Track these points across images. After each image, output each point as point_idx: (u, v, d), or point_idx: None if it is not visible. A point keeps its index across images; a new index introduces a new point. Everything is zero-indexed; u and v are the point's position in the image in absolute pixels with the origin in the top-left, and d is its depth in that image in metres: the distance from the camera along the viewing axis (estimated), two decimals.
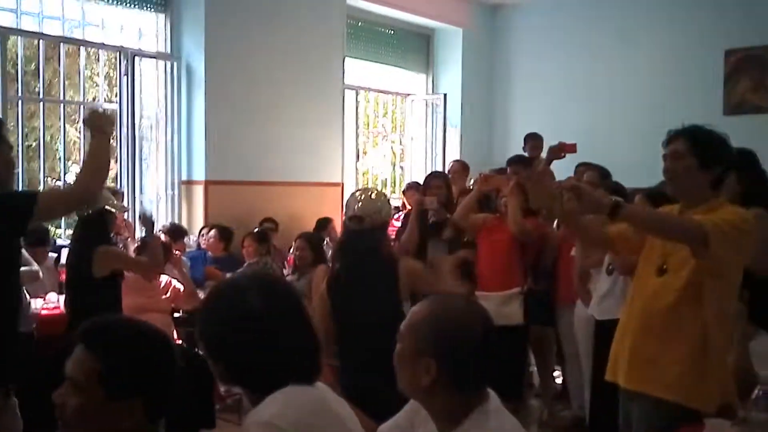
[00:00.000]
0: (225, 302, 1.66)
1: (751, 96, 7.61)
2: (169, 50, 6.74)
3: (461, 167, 6.52)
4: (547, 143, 5.72)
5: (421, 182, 5.57)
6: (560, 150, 5.05)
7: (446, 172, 6.58)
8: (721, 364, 2.54)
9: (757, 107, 7.59)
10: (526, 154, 6.53)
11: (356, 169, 8.61)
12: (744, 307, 2.81)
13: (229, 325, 1.63)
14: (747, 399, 2.49)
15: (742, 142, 3.26)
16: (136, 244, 5.29)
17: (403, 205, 6.78)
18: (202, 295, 4.91)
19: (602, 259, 4.11)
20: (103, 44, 6.42)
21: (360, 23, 8.54)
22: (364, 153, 9.79)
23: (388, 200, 3.50)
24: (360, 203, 3.35)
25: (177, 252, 5.46)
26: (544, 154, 5.74)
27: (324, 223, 6.76)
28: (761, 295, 2.73)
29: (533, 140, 6.99)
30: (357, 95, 8.53)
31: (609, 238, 2.85)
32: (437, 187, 5.20)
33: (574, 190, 2.43)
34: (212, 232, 6.26)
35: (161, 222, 6.51)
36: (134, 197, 6.55)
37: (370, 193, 3.44)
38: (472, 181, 6.12)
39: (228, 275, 4.95)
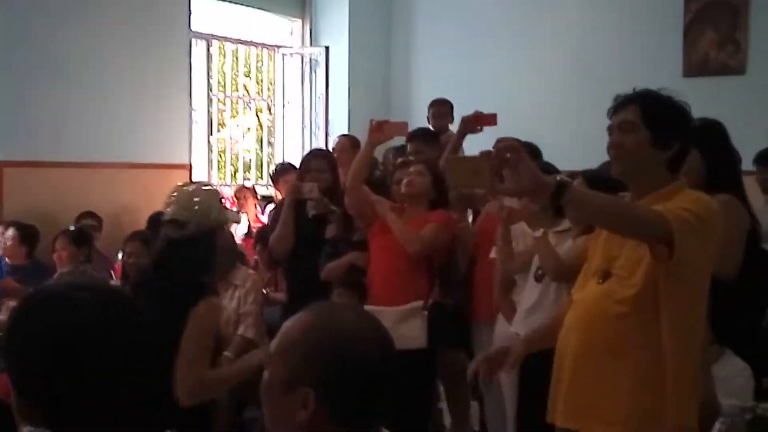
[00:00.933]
0: (43, 318, 1.60)
1: (717, 53, 8.00)
2: None
3: (350, 144, 6.55)
4: (460, 114, 5.82)
5: (298, 164, 5.56)
6: (476, 121, 5.15)
7: (330, 150, 6.59)
8: (681, 391, 2.63)
9: (724, 66, 7.97)
10: (431, 127, 6.62)
11: (209, 145, 8.51)
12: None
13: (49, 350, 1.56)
14: None
15: (706, 110, 3.43)
16: None
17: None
18: None
19: (529, 261, 4.21)
20: None
21: None
22: (221, 125, 9.68)
23: (219, 197, 3.46)
24: (174, 201, 3.33)
25: None
26: (456, 128, 5.84)
27: (160, 220, 6.65)
28: (726, 306, 2.87)
29: (438, 107, 7.08)
30: (209, 47, 8.42)
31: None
32: (319, 170, 5.21)
33: (513, 152, 2.33)
34: (9, 232, 6.11)
35: None
36: None
37: (189, 186, 3.41)
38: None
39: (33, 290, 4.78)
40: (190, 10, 7.79)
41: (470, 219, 5.20)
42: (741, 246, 3.49)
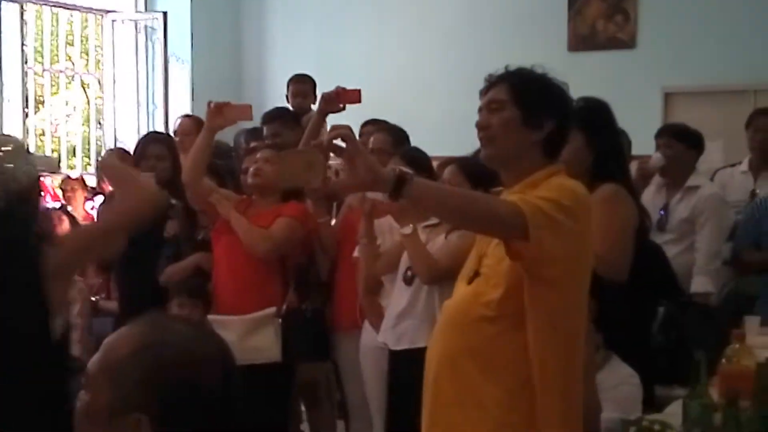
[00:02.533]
0: None
1: (605, 25, 8.27)
2: None
3: (194, 126, 6.47)
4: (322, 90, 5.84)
5: (132, 149, 5.48)
6: (337, 99, 5.19)
7: (171, 133, 6.52)
8: (553, 405, 2.70)
9: (612, 40, 8.25)
10: (290, 107, 6.63)
11: (25, 127, 8.31)
12: (590, 325, 3.05)
13: None
14: None
15: (593, 88, 3.55)
16: None
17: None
18: None
19: (397, 261, 4.26)
20: None
21: None
22: (40, 103, 9.44)
23: (28, 157, 3.34)
24: None
25: None
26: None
27: None
28: (614, 308, 2.98)
29: (298, 84, 7.09)
30: (23, 11, 8.21)
31: None
32: (157, 156, 5.16)
33: (347, 142, 2.37)
34: None
35: None
36: None
37: None
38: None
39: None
40: None
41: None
42: (630, 242, 3.60)
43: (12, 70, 8.04)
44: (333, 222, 5.09)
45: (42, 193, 3.37)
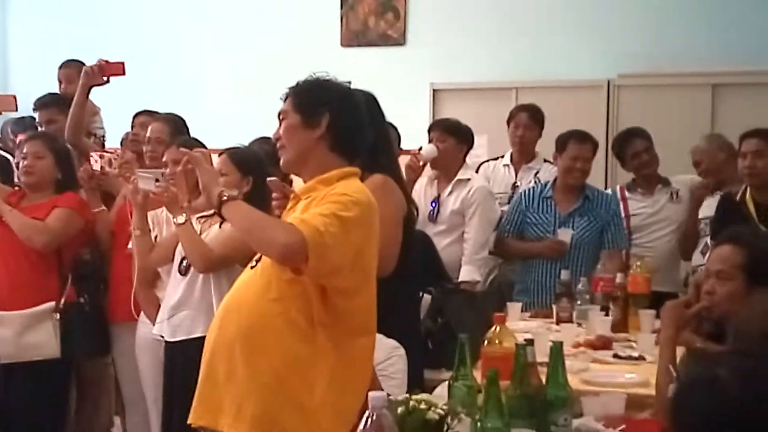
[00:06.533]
0: None
1: (376, 22, 8.41)
2: None
3: None
4: None
5: None
6: (101, 71, 5.10)
7: None
8: (325, 397, 2.82)
9: (383, 37, 8.40)
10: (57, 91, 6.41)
11: None
12: None
13: None
14: None
15: (366, 83, 3.63)
16: None
17: None
18: None
19: (172, 252, 4.24)
20: None
21: None
22: None
23: None
24: None
25: None
26: None
27: None
28: (380, 298, 3.03)
29: (64, 69, 6.86)
30: None
31: None
32: None
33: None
34: None
35: None
36: None
37: None
38: None
39: None
40: None
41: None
42: (398, 232, 3.69)
43: None
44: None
45: None
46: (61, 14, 9.02)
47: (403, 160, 4.99)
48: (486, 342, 3.10)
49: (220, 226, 4.04)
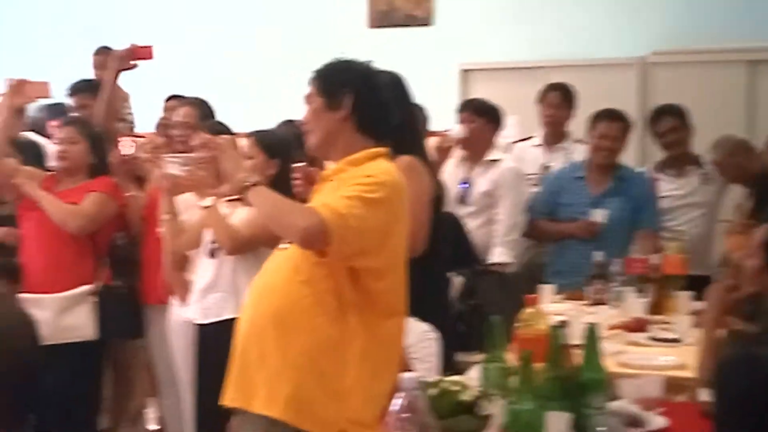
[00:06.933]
0: None
1: (403, 2, 8.36)
2: None
3: None
4: None
5: None
6: (129, 56, 5.11)
7: None
8: (360, 380, 2.82)
9: (410, 17, 8.35)
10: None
11: None
12: None
13: None
14: None
15: (395, 64, 3.60)
16: None
17: None
18: None
19: (200, 236, 4.24)
20: None
21: None
22: None
23: None
24: None
25: None
26: None
27: None
28: (411, 279, 3.03)
29: (97, 56, 6.89)
30: None
31: None
32: None
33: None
34: None
35: None
36: None
37: None
38: None
39: None
40: None
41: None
42: (425, 214, 3.68)
43: None
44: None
45: None
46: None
47: (432, 142, 4.98)
48: (519, 324, 3.08)
49: (247, 209, 4.03)
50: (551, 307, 4.42)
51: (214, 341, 4.02)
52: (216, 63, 8.40)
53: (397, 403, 2.06)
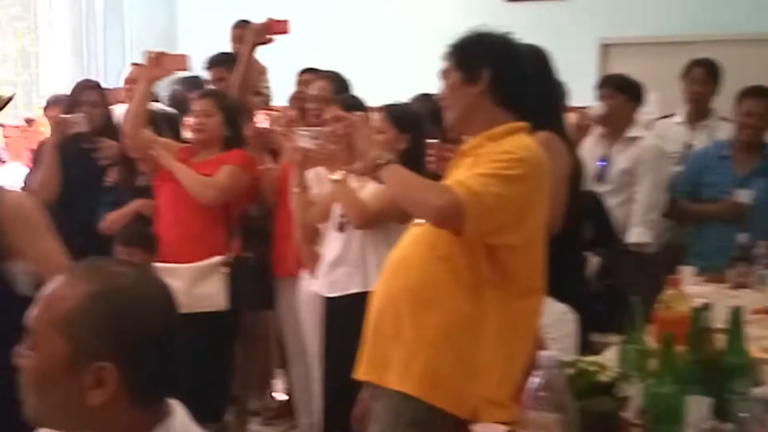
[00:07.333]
0: None
1: None
2: None
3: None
4: None
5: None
6: (266, 30, 5.16)
7: (105, 81, 6.43)
8: (496, 355, 2.77)
9: None
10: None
11: None
12: None
13: None
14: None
15: (530, 38, 3.53)
16: None
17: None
18: None
19: (329, 209, 4.24)
20: None
21: None
22: None
23: None
24: None
25: None
26: None
27: None
28: (548, 256, 2.98)
29: (236, 29, 6.95)
30: None
31: None
32: (92, 103, 5.14)
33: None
34: None
35: None
36: None
37: None
38: None
39: None
40: None
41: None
42: (562, 193, 3.61)
43: None
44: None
45: None
46: None
47: (570, 118, 4.88)
48: (659, 305, 2.99)
49: (374, 184, 4.02)
50: (692, 289, 4.29)
51: (341, 314, 4.08)
52: (351, 36, 8.42)
53: (534, 381, 2.01)
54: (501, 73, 2.83)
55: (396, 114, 4.12)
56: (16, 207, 3.03)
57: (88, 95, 5.18)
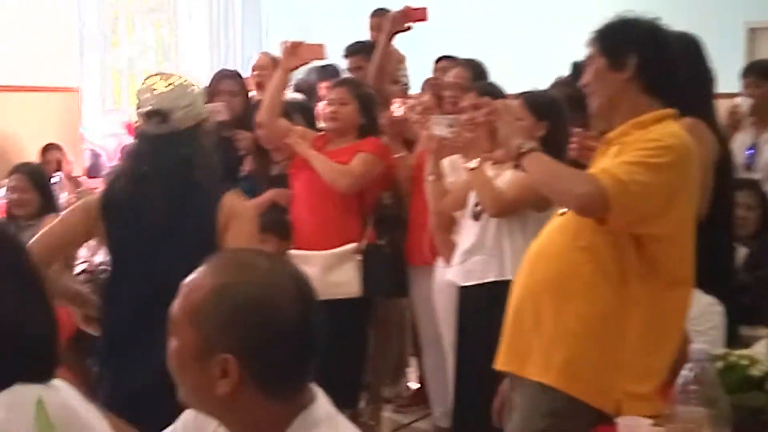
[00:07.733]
0: None
1: None
2: None
3: (270, 63, 6.45)
4: None
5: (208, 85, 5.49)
6: (404, 18, 5.15)
7: (242, 70, 6.50)
8: (643, 348, 2.72)
9: None
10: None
11: (103, 66, 8.34)
12: None
13: None
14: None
15: (675, 23, 3.44)
16: None
17: None
18: None
19: (465, 197, 4.21)
20: None
21: None
22: (114, 43, 9.49)
23: (198, 89, 3.36)
24: (157, 92, 3.16)
25: None
26: None
27: (51, 152, 6.69)
28: (695, 246, 2.90)
29: (374, 18, 6.96)
30: None
31: None
32: (229, 92, 5.18)
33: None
34: None
35: None
36: None
37: (171, 78, 3.26)
38: None
39: None
40: None
41: None
42: (707, 181, 3.50)
43: (89, 9, 8.05)
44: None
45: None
46: None
47: (723, 106, 4.76)
48: None
49: (514, 170, 3.97)
50: None
51: (476, 303, 4.05)
52: (489, 22, 8.36)
53: (684, 374, 1.95)
54: (648, 60, 2.78)
55: (534, 101, 4.06)
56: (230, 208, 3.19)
57: (227, 84, 5.22)
